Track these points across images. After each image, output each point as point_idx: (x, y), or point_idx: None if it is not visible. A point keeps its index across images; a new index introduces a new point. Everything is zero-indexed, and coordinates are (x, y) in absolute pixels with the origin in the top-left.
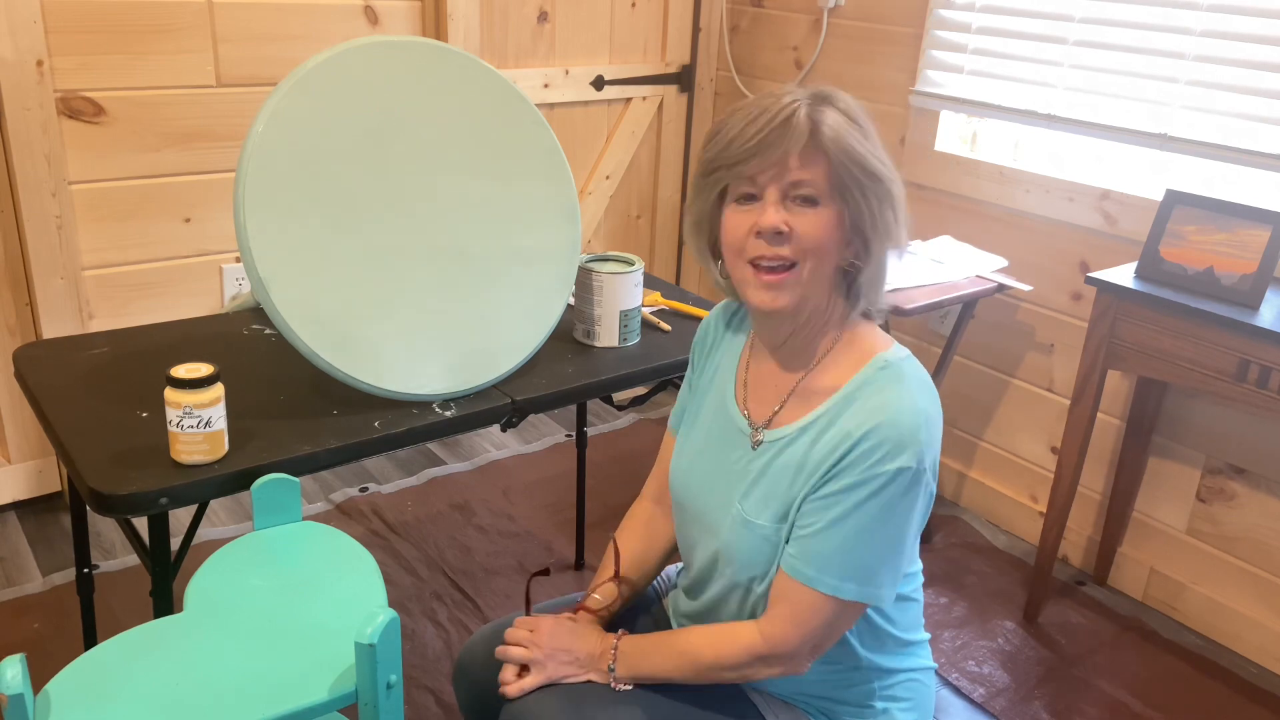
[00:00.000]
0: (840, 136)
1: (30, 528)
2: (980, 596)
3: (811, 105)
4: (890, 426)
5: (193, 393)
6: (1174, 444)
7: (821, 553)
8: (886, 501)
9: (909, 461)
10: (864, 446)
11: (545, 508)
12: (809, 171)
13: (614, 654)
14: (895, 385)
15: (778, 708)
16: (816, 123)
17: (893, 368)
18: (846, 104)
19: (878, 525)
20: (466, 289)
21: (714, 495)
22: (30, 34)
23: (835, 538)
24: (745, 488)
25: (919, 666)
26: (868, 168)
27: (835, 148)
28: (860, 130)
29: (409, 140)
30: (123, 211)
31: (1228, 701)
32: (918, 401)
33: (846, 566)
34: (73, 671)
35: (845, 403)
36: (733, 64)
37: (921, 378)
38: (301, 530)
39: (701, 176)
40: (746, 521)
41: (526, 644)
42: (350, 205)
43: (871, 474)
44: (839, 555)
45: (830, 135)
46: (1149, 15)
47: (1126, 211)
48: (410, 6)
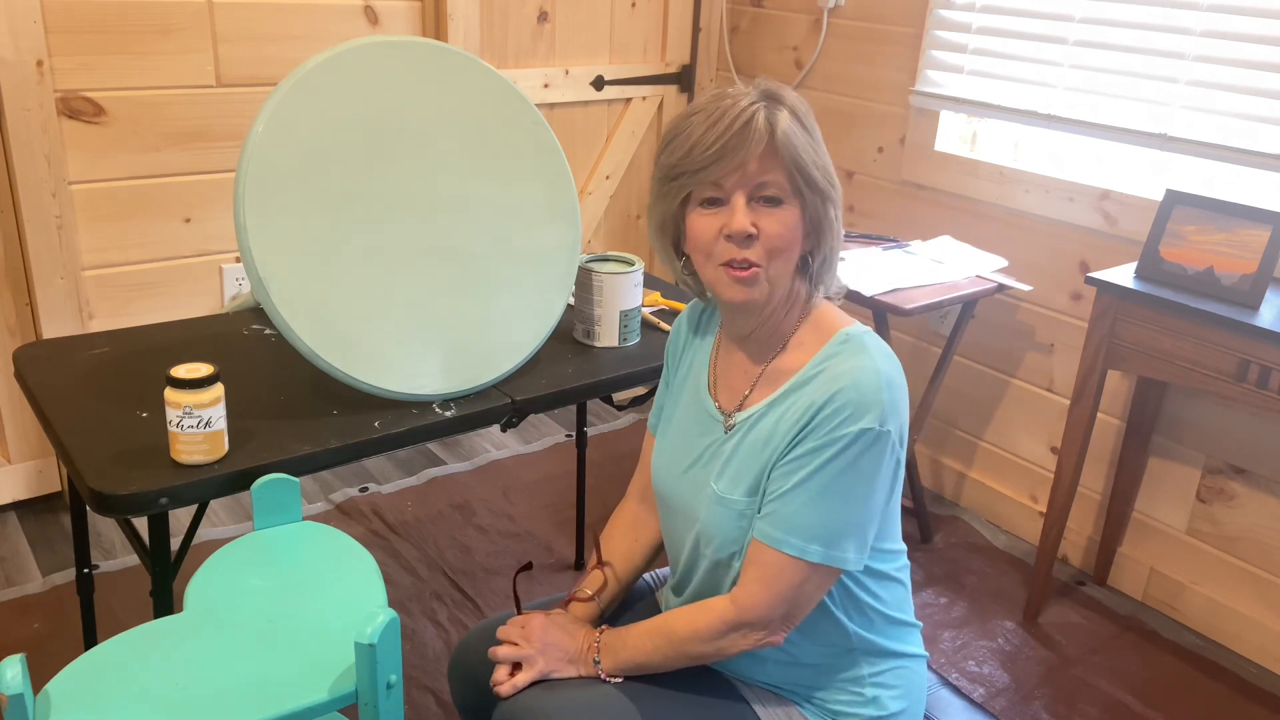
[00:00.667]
0: (791, 139)
1: (30, 528)
2: (980, 596)
3: (768, 108)
4: (853, 389)
5: (193, 393)
6: (1174, 444)
7: (787, 515)
8: (850, 462)
9: (871, 423)
10: (827, 410)
11: (545, 508)
12: (771, 173)
13: (597, 647)
14: (858, 355)
15: (767, 699)
16: (773, 126)
17: (854, 340)
18: (794, 103)
19: (842, 486)
20: (466, 289)
21: (691, 482)
22: (30, 34)
23: (800, 499)
24: (719, 468)
25: (909, 653)
26: (817, 165)
27: (789, 151)
28: (806, 131)
29: (409, 140)
30: (123, 211)
31: (1228, 701)
32: (879, 366)
33: (812, 528)
34: (73, 671)
35: (810, 376)
36: (733, 64)
37: (882, 348)
38: (301, 530)
39: (664, 181)
40: (721, 499)
41: (518, 641)
42: (350, 205)
43: (834, 435)
44: (804, 517)
45: (783, 139)
46: (1149, 15)
47: (1126, 211)
48: (410, 6)
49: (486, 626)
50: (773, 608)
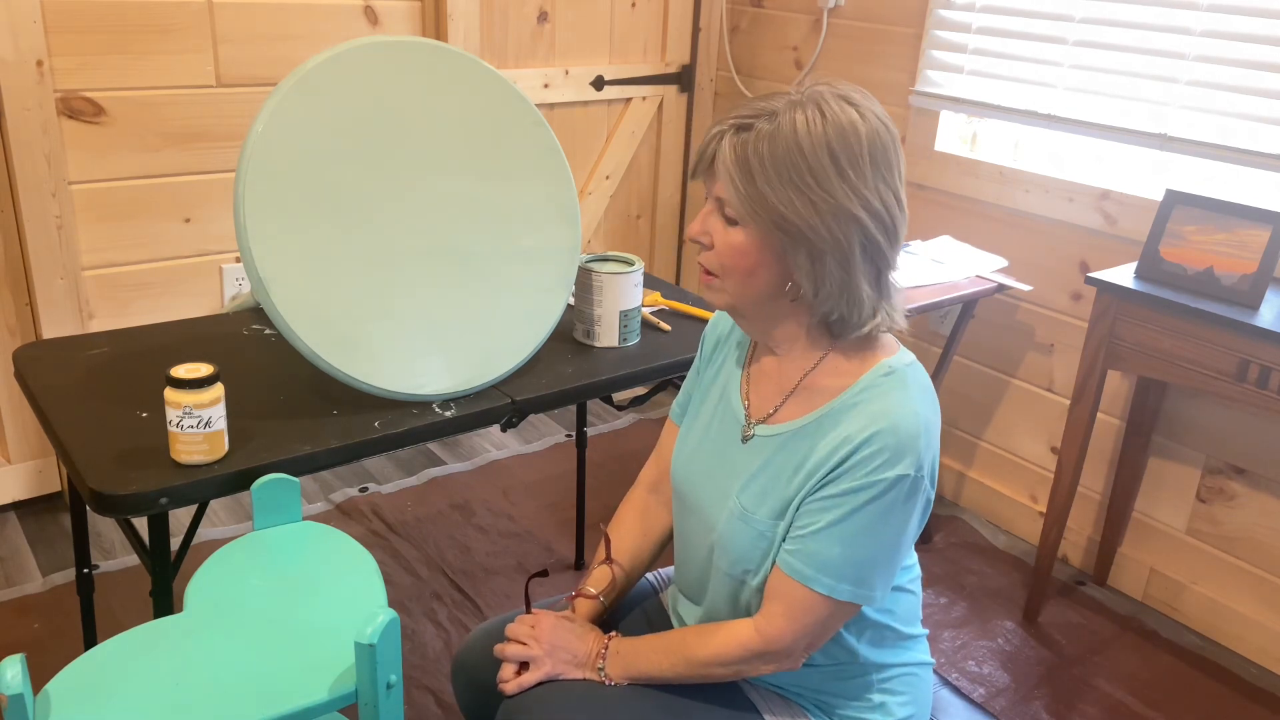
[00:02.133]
0: (731, 169)
1: (30, 528)
2: (980, 596)
3: (735, 130)
4: (891, 433)
5: (193, 393)
6: (1174, 444)
7: (819, 553)
8: (885, 507)
9: (908, 469)
10: (864, 452)
11: (545, 508)
12: (726, 192)
13: (604, 654)
14: (898, 391)
15: (774, 703)
16: (721, 152)
17: (897, 374)
18: (779, 125)
19: (875, 529)
20: (466, 289)
21: (713, 487)
22: (30, 34)
23: (833, 539)
24: (744, 481)
25: (916, 661)
26: (782, 203)
27: (729, 179)
28: (767, 159)
29: (409, 140)
30: (123, 211)
31: (1228, 701)
32: (919, 409)
33: (843, 568)
34: (73, 671)
35: (847, 406)
36: (733, 64)
37: (924, 384)
38: (301, 530)
39: None
40: (744, 513)
41: (526, 640)
42: (350, 205)
43: (870, 480)
44: (836, 557)
45: (723, 169)
46: (1149, 15)
47: (1126, 211)
48: (410, 6)
49: (490, 628)
50: (797, 640)
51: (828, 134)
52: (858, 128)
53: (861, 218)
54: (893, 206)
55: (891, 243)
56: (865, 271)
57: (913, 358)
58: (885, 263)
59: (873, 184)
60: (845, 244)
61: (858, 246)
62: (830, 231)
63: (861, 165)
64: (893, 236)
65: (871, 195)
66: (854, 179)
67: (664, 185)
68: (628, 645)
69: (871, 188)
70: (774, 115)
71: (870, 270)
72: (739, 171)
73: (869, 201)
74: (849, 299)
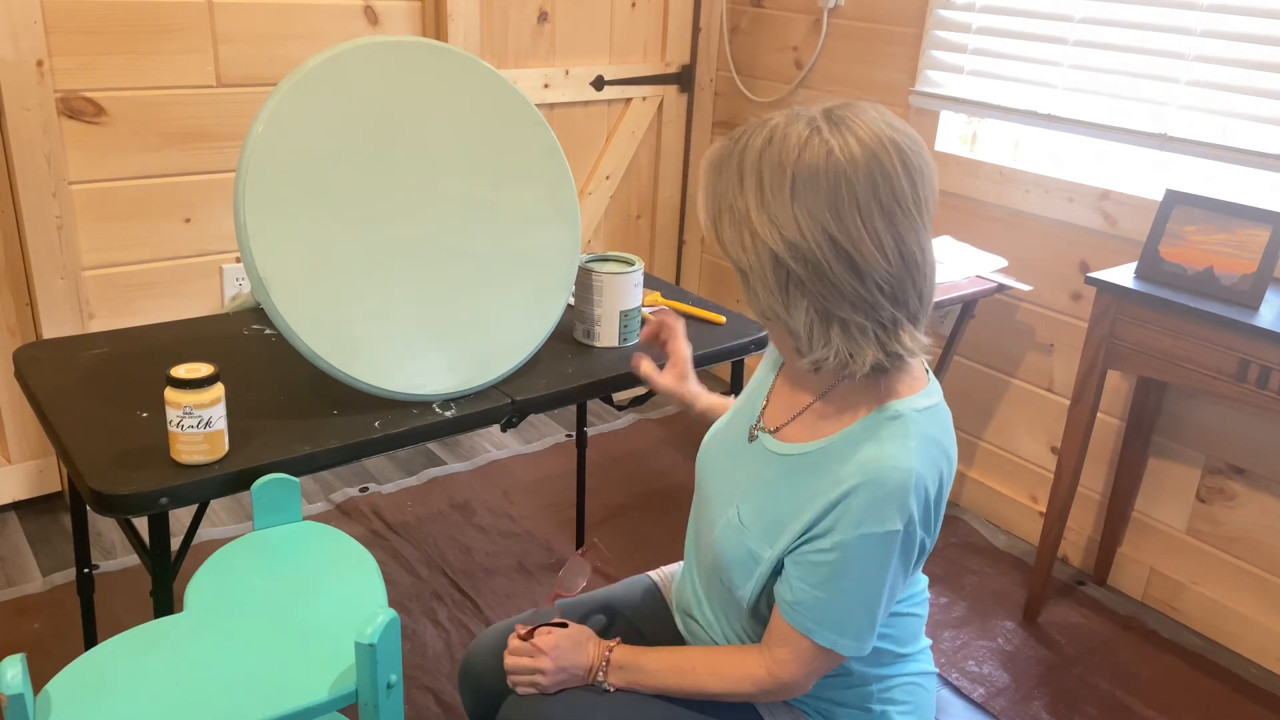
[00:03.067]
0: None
1: (30, 528)
2: (980, 596)
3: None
4: (877, 486)
5: (193, 393)
6: (1174, 444)
7: (816, 609)
8: (874, 562)
9: (896, 524)
10: (851, 502)
11: (545, 508)
12: None
13: (605, 666)
14: (895, 441)
15: (777, 709)
16: None
17: (902, 420)
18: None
19: (868, 584)
20: (466, 289)
21: (722, 484)
22: (30, 34)
23: (828, 595)
24: (746, 490)
25: (918, 671)
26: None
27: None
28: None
29: (409, 140)
30: (123, 211)
31: (1228, 701)
32: (913, 463)
33: (843, 623)
34: (73, 671)
35: (847, 443)
36: (733, 64)
37: (927, 434)
38: (301, 530)
39: None
40: (740, 526)
41: (529, 668)
42: (350, 205)
43: (858, 536)
44: (833, 613)
45: (700, 191)
46: (1149, 15)
47: (1126, 211)
48: (410, 6)
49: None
50: (809, 677)
51: (765, 154)
52: (794, 148)
53: (774, 248)
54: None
55: (823, 282)
56: (795, 303)
57: (936, 399)
58: (824, 303)
59: (791, 212)
60: (760, 270)
61: (771, 276)
62: (744, 252)
63: (781, 190)
64: (823, 276)
65: (788, 225)
66: (771, 203)
67: (664, 185)
68: (631, 659)
69: (790, 217)
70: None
71: (805, 304)
72: (704, 185)
73: (784, 230)
74: (788, 329)
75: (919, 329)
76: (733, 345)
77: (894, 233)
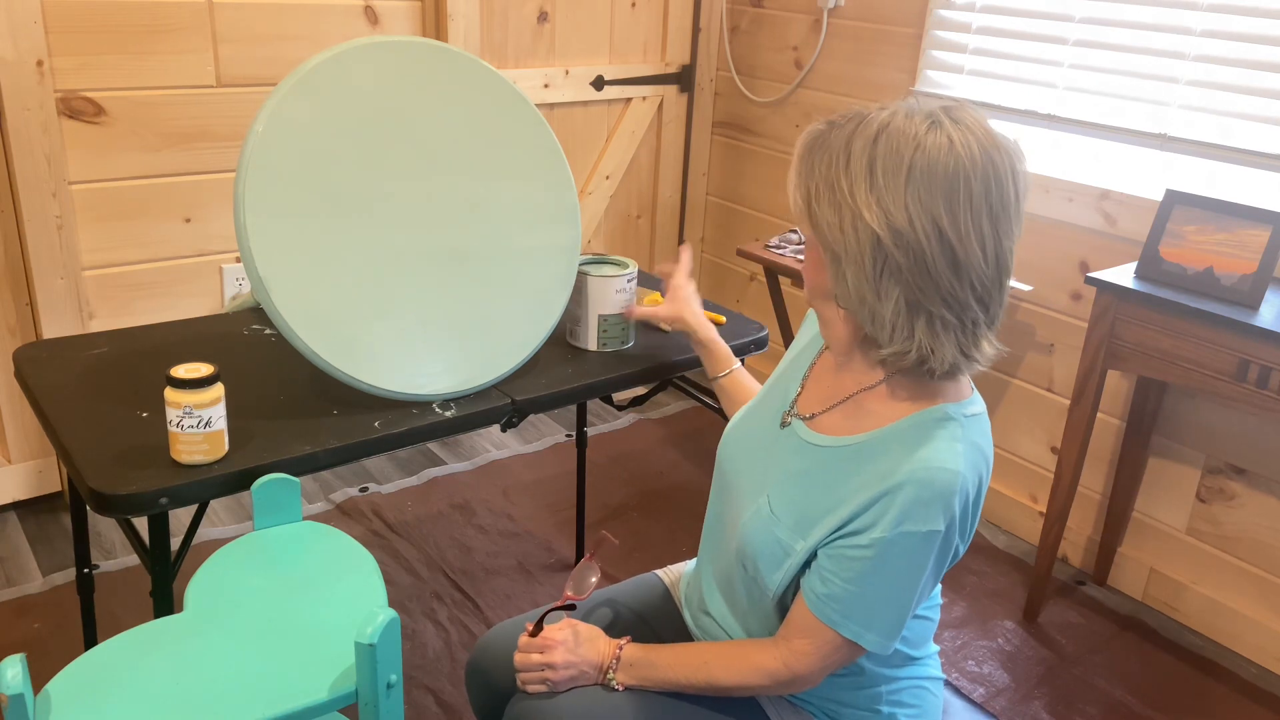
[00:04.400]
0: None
1: (30, 528)
2: (980, 596)
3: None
4: (925, 485)
5: (193, 393)
6: (1174, 444)
7: (847, 601)
8: (912, 560)
9: (938, 524)
10: (896, 499)
11: (545, 508)
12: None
13: (615, 664)
14: (944, 442)
15: (783, 709)
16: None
17: (952, 423)
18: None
19: (902, 582)
20: (466, 289)
21: (750, 472)
22: (30, 34)
23: (861, 590)
24: (779, 479)
25: (926, 675)
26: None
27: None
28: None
29: (409, 140)
30: (123, 211)
31: (1228, 701)
32: (961, 467)
33: (870, 617)
34: (73, 671)
35: (892, 438)
36: (733, 64)
37: (976, 443)
38: (301, 530)
39: None
40: (771, 515)
41: (540, 663)
42: (350, 205)
43: (899, 533)
44: (863, 607)
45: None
46: (1149, 15)
47: (1126, 211)
48: (410, 6)
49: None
50: (823, 671)
51: (876, 137)
52: (912, 139)
53: (879, 232)
54: (925, 233)
55: (923, 273)
56: (885, 291)
57: (981, 408)
58: (917, 294)
59: (903, 199)
60: (857, 253)
61: (869, 261)
62: (843, 233)
63: (896, 176)
64: (924, 267)
65: (897, 211)
66: (881, 187)
67: (664, 185)
68: (641, 657)
69: (900, 203)
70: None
71: (895, 294)
72: (798, 164)
73: (891, 216)
74: (872, 318)
75: (994, 336)
76: (733, 345)
77: (995, 236)
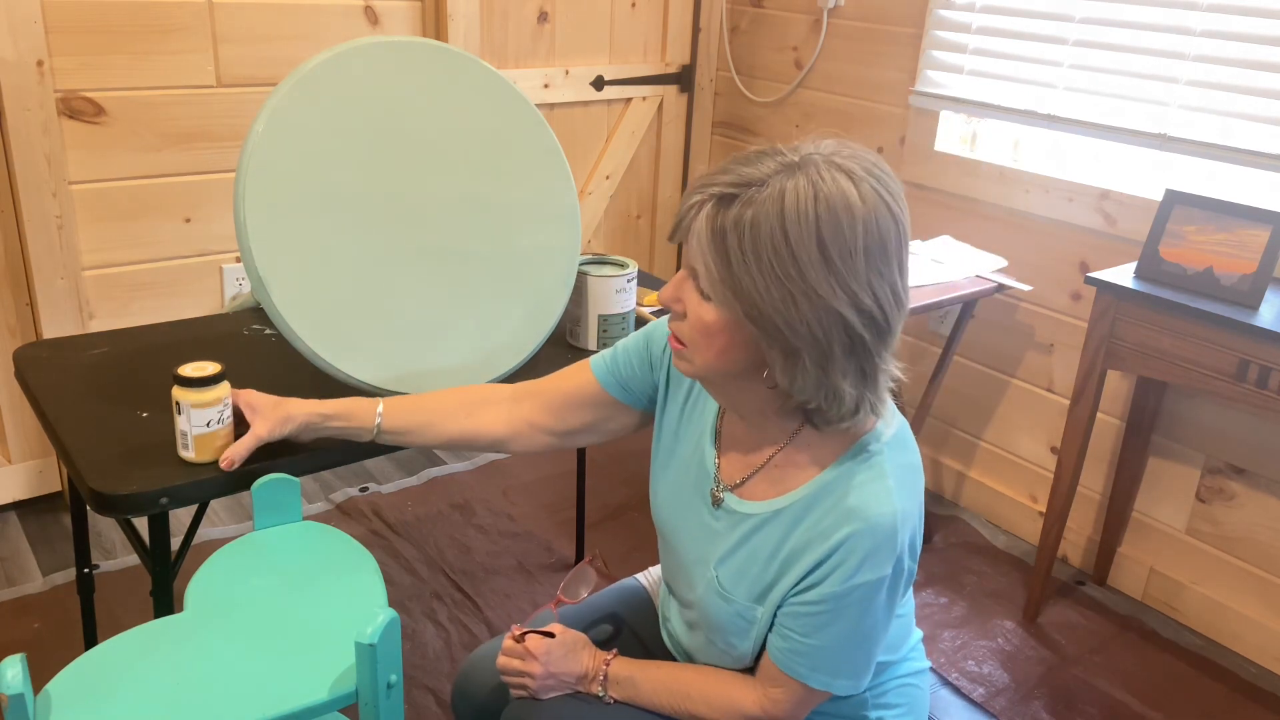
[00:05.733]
0: (706, 248)
1: (30, 528)
2: (980, 596)
3: (707, 203)
4: (868, 535)
5: (199, 391)
6: (1174, 444)
7: (810, 655)
8: (868, 607)
9: (885, 569)
10: (842, 555)
11: (545, 508)
12: (700, 266)
13: (604, 679)
14: (874, 484)
15: None
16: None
17: (875, 459)
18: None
19: (865, 629)
20: (466, 289)
21: (692, 546)
22: (30, 34)
23: (824, 643)
24: (722, 554)
25: (910, 671)
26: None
27: (701, 256)
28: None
29: (409, 140)
30: (123, 211)
31: (1227, 701)
32: (895, 502)
33: (838, 667)
34: (73, 671)
35: (823, 493)
36: (733, 64)
37: (903, 464)
38: (301, 530)
39: None
40: (722, 592)
41: (521, 669)
42: (350, 205)
43: (853, 585)
44: (828, 658)
45: (696, 244)
46: (1149, 15)
47: (1126, 211)
48: (410, 6)
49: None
50: (801, 715)
51: (818, 216)
52: (853, 210)
53: (847, 316)
54: (886, 302)
55: (881, 340)
56: (846, 369)
57: (896, 425)
58: (871, 361)
59: (865, 278)
60: (825, 343)
61: (838, 346)
62: (809, 329)
63: (854, 257)
64: (884, 334)
65: (862, 291)
66: (843, 272)
67: (664, 185)
68: (626, 675)
69: (863, 282)
70: (762, 185)
71: (853, 367)
72: (714, 252)
73: (858, 298)
74: (827, 395)
75: None
76: None
77: None
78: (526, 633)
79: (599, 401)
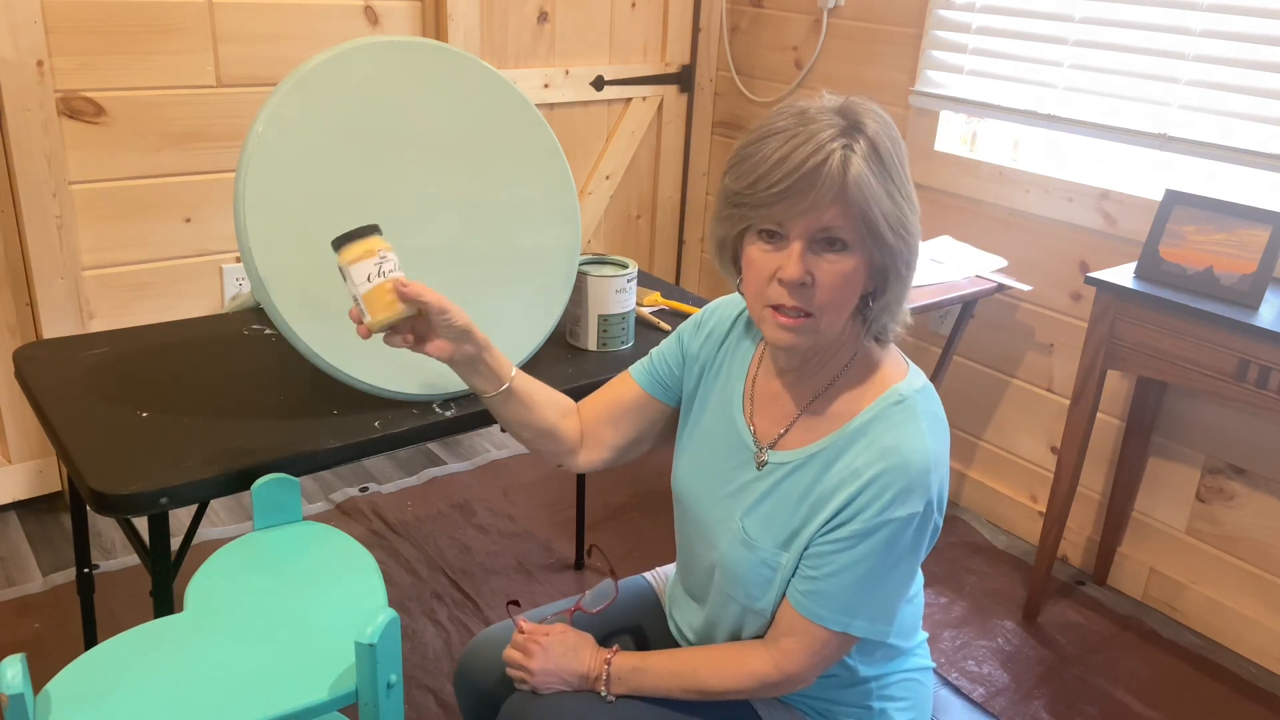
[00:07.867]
0: (864, 187)
1: (30, 528)
2: (980, 596)
3: (846, 146)
4: (901, 471)
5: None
6: (1174, 444)
7: (833, 594)
8: (897, 545)
9: (918, 506)
10: (874, 489)
11: (545, 508)
12: (839, 218)
13: (606, 676)
14: (908, 424)
15: (775, 709)
16: (846, 172)
17: (907, 403)
18: (875, 134)
19: (887, 567)
20: (466, 289)
21: (716, 507)
22: (30, 34)
23: (847, 580)
24: (748, 506)
25: (916, 667)
26: (889, 218)
27: (858, 202)
28: (885, 172)
29: (409, 140)
30: (123, 211)
31: (1227, 701)
32: (929, 443)
33: (859, 607)
34: (73, 671)
35: (856, 435)
36: (732, 64)
37: (934, 412)
38: (301, 530)
39: (725, 205)
40: (747, 540)
41: (522, 663)
42: (350, 205)
43: (882, 520)
44: (851, 597)
45: (854, 188)
46: (1149, 15)
47: (1126, 211)
48: (410, 6)
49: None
50: (814, 670)
51: (896, 140)
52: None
53: (916, 225)
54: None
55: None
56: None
57: (924, 380)
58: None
59: (911, 190)
60: (909, 253)
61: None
62: (904, 241)
63: (905, 168)
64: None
65: (915, 202)
66: (909, 182)
67: (664, 185)
68: (630, 667)
69: (913, 194)
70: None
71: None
72: (882, 189)
73: (914, 202)
74: (896, 310)
75: None
76: None
77: None
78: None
79: (643, 404)
